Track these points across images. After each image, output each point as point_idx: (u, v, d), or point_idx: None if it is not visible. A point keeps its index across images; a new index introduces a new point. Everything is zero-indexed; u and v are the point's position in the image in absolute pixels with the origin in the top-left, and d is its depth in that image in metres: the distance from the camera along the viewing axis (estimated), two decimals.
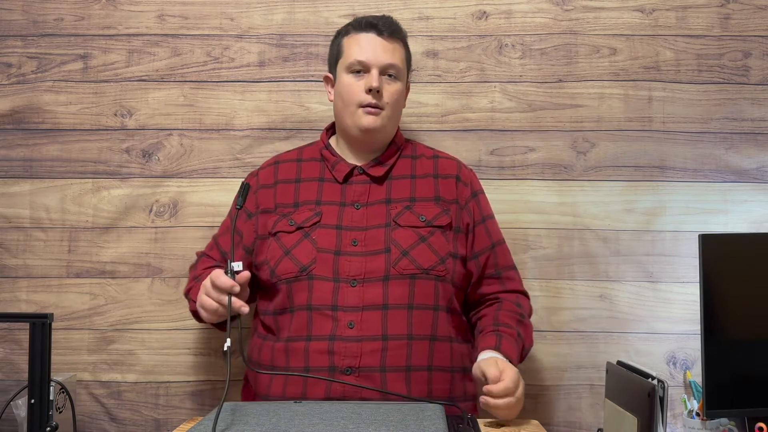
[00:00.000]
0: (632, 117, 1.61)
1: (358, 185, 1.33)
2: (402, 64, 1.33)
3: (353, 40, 1.32)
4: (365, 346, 1.20)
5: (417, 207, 1.31)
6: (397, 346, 1.21)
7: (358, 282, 1.23)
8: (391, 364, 1.20)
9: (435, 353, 1.24)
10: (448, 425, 0.99)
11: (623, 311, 1.57)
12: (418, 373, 1.22)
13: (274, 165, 1.40)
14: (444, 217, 1.30)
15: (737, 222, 1.58)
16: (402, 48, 1.35)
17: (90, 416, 1.57)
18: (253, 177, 1.40)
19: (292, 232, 1.29)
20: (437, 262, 1.26)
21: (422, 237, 1.27)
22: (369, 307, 1.22)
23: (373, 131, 1.31)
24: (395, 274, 1.24)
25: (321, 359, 1.20)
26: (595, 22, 1.63)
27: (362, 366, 1.19)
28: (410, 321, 1.23)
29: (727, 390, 1.22)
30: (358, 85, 1.29)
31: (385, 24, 1.32)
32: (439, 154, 1.41)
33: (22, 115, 1.63)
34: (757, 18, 1.62)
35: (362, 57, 1.29)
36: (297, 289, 1.25)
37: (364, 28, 1.32)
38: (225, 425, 0.94)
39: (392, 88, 1.31)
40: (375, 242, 1.26)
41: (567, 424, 1.56)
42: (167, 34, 1.64)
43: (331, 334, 1.21)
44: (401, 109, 1.38)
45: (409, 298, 1.24)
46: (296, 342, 1.23)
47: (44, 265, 1.59)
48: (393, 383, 1.20)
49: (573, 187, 1.60)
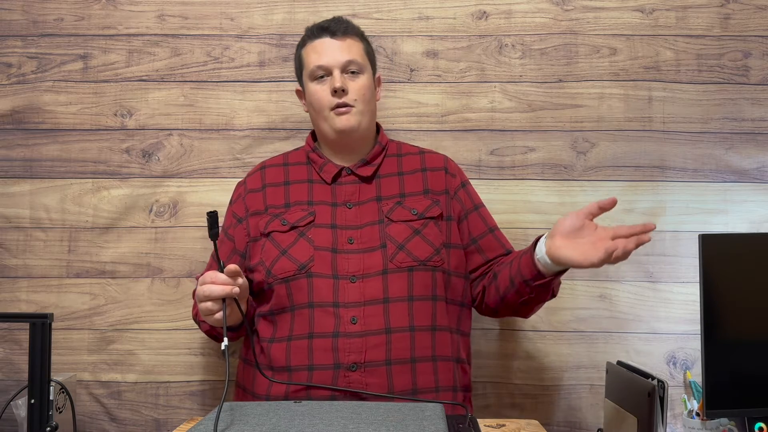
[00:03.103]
0: (632, 117, 1.61)
1: (348, 185, 1.34)
2: (362, 58, 1.34)
3: (310, 49, 1.34)
4: (369, 341, 1.20)
5: (408, 201, 1.32)
6: (400, 338, 1.22)
7: (358, 278, 1.24)
8: (396, 356, 1.21)
9: (437, 343, 1.25)
10: (448, 425, 0.99)
11: (623, 311, 1.57)
12: (424, 364, 1.23)
13: (261, 170, 1.41)
14: (435, 209, 1.32)
15: (737, 222, 1.58)
16: (358, 42, 1.35)
17: (90, 416, 1.57)
18: (241, 186, 1.41)
19: (286, 231, 1.29)
20: (433, 252, 1.28)
21: (416, 230, 1.29)
22: (370, 301, 1.23)
23: (348, 131, 1.31)
24: (393, 267, 1.25)
25: (325, 356, 1.20)
26: (595, 22, 1.63)
27: (367, 361, 1.20)
28: (411, 312, 1.24)
29: (727, 390, 1.22)
30: (323, 90, 1.31)
31: (336, 24, 1.34)
32: (425, 151, 1.43)
33: (22, 115, 1.63)
34: (757, 18, 1.62)
35: (321, 62, 1.31)
36: (296, 287, 1.25)
37: (317, 34, 1.34)
38: (225, 425, 0.94)
39: (357, 84, 1.32)
40: (370, 239, 1.28)
41: (567, 424, 1.56)
42: (167, 34, 1.64)
43: (334, 331, 1.21)
44: (374, 102, 1.38)
45: (409, 290, 1.25)
46: (299, 340, 1.23)
47: (44, 265, 1.60)
48: (399, 376, 1.20)
49: (573, 187, 1.60)
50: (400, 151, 1.41)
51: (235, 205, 1.39)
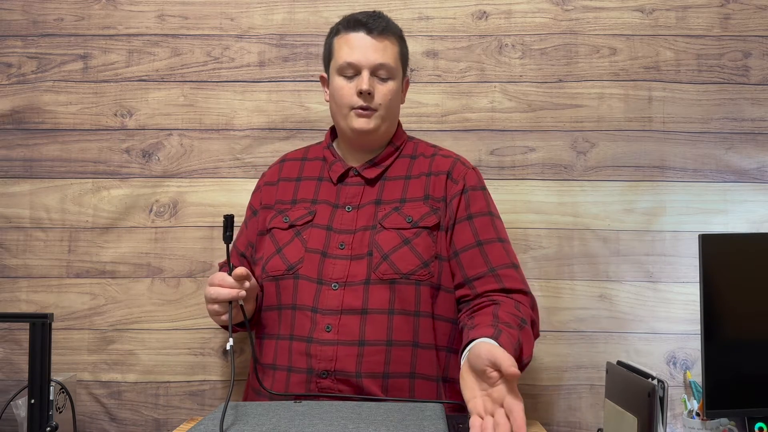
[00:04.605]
0: (632, 117, 1.61)
1: (352, 186, 1.31)
2: (395, 62, 1.28)
3: (343, 41, 1.27)
4: (340, 350, 1.17)
5: (405, 208, 1.27)
6: (374, 351, 1.18)
7: (340, 285, 1.21)
8: (367, 369, 1.17)
9: (418, 360, 1.20)
10: (448, 425, 0.99)
11: (623, 311, 1.57)
12: (398, 380, 1.19)
13: (280, 163, 1.41)
14: (432, 217, 1.26)
15: (737, 222, 1.58)
16: (395, 45, 1.29)
17: (90, 416, 1.57)
18: (262, 177, 1.42)
19: (285, 229, 1.29)
20: (419, 266, 1.22)
21: (405, 239, 1.23)
22: (348, 311, 1.19)
23: (365, 133, 1.27)
24: (375, 278, 1.20)
25: (300, 360, 1.19)
26: (595, 22, 1.63)
27: (337, 369, 1.17)
28: (390, 326, 1.19)
29: (727, 390, 1.22)
30: (349, 87, 1.26)
31: (375, 21, 1.26)
32: (439, 152, 1.36)
33: (22, 115, 1.63)
34: (757, 18, 1.62)
35: (351, 59, 1.25)
36: (283, 287, 1.24)
37: (353, 27, 1.26)
38: (225, 425, 0.94)
39: (385, 89, 1.26)
40: (360, 246, 1.23)
41: (567, 424, 1.56)
42: (167, 34, 1.64)
43: (309, 336, 1.19)
44: (398, 108, 1.33)
45: (390, 303, 1.20)
46: (283, 340, 1.23)
47: (44, 265, 1.59)
48: (369, 389, 1.17)
49: (573, 187, 1.60)
50: (415, 151, 1.35)
51: (253, 196, 1.40)
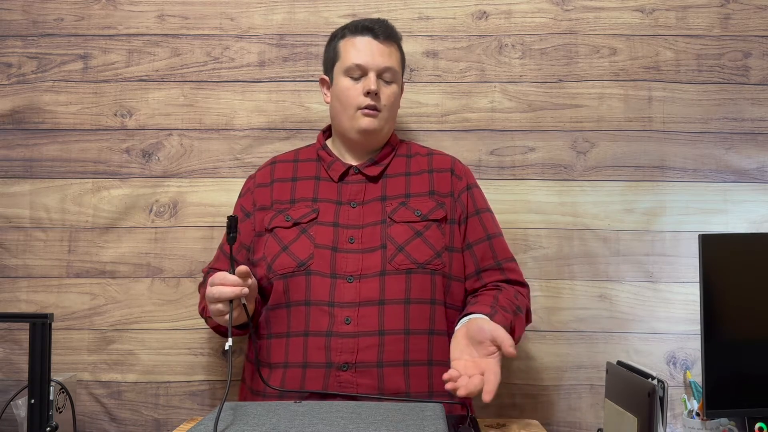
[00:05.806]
0: (632, 117, 1.61)
1: (354, 184, 1.34)
2: (398, 66, 1.36)
3: (350, 44, 1.34)
4: (362, 342, 1.20)
5: (412, 202, 1.32)
6: (394, 340, 1.21)
7: (355, 278, 1.24)
8: (389, 359, 1.20)
9: (434, 347, 1.24)
10: (448, 425, 0.99)
11: (623, 311, 1.57)
12: (417, 368, 1.22)
13: (271, 165, 1.42)
14: (439, 211, 1.31)
15: (737, 222, 1.58)
16: (397, 51, 1.37)
17: (90, 416, 1.57)
18: (251, 180, 1.42)
19: (289, 227, 1.30)
20: (433, 256, 1.27)
21: (417, 232, 1.28)
22: (365, 302, 1.22)
23: (371, 132, 1.33)
24: (391, 269, 1.24)
25: (318, 355, 1.20)
26: (595, 22, 1.63)
27: (359, 361, 1.19)
28: (407, 315, 1.23)
29: (727, 390, 1.22)
30: (356, 88, 1.32)
31: (381, 27, 1.34)
32: (434, 152, 1.42)
33: (22, 115, 1.63)
34: (757, 18, 1.62)
35: (360, 60, 1.31)
36: (294, 284, 1.25)
37: (360, 31, 1.34)
38: (225, 425, 0.94)
39: (389, 91, 1.34)
40: (371, 239, 1.27)
41: (567, 424, 1.56)
42: (167, 34, 1.64)
43: (327, 330, 1.21)
44: (397, 110, 1.40)
45: (406, 293, 1.24)
46: (296, 337, 1.23)
47: (44, 265, 1.59)
48: (391, 378, 1.20)
49: (573, 187, 1.60)
50: (409, 151, 1.41)
51: (243, 199, 1.40)
